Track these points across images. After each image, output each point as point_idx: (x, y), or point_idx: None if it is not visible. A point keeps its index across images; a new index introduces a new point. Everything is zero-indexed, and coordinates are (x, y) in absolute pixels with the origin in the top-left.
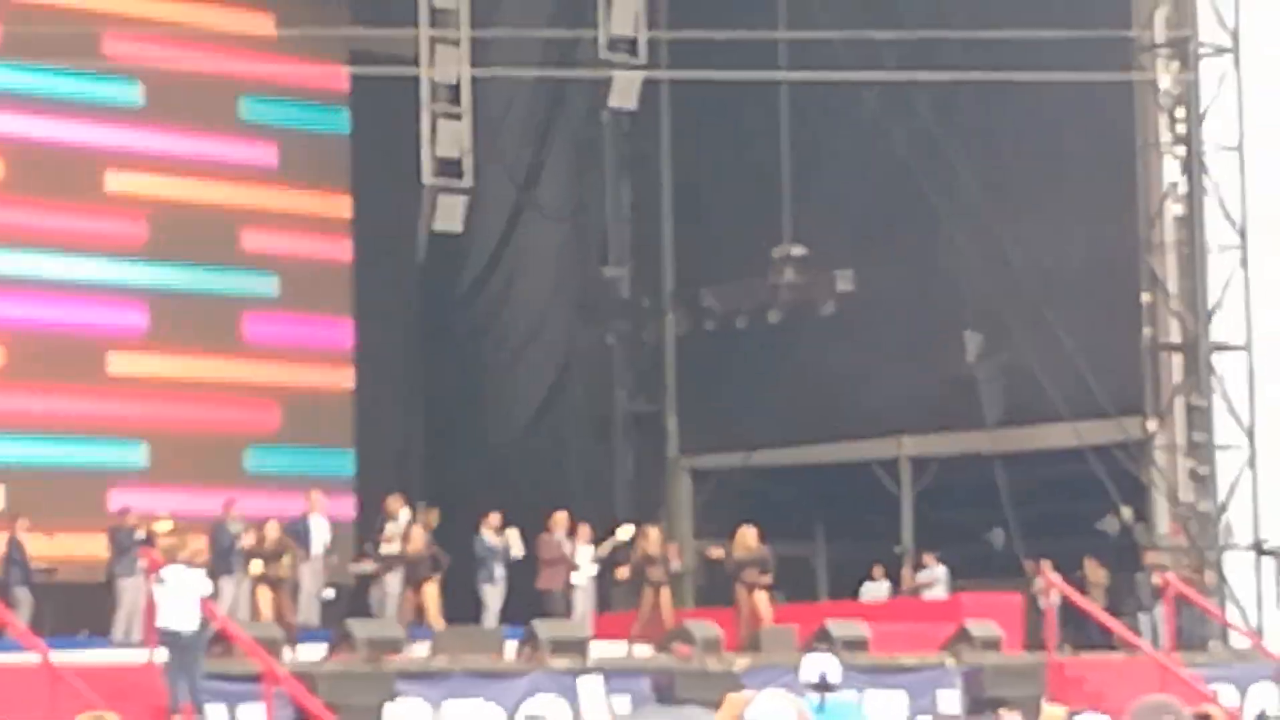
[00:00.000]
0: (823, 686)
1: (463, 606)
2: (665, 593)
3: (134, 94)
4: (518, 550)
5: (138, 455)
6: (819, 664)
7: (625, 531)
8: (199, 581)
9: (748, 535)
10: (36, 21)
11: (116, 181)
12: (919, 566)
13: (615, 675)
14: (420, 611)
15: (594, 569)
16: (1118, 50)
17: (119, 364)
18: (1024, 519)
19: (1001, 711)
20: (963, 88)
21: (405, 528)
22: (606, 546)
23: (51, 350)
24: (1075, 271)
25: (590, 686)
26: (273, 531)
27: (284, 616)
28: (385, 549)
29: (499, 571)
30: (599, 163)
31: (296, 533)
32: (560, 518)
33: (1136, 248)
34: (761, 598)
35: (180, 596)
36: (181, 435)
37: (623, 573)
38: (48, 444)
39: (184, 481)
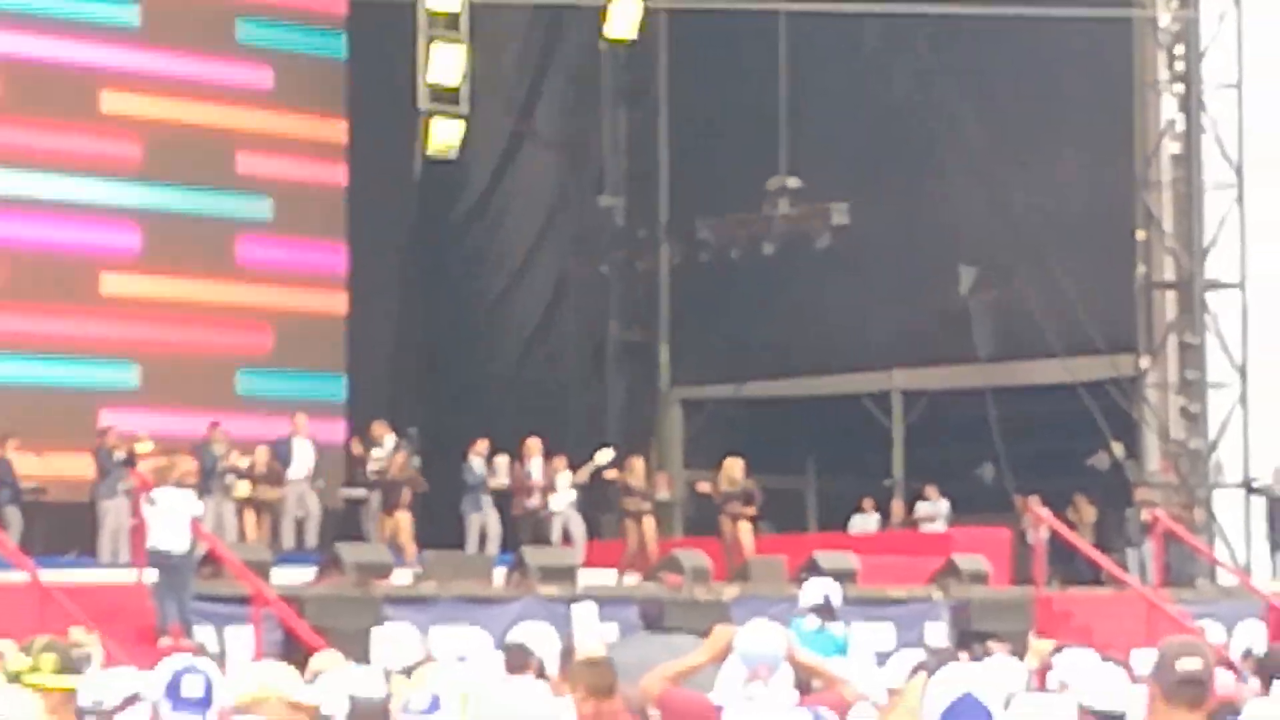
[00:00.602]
0: (826, 611)
1: (453, 532)
2: (649, 522)
3: (131, 14)
4: (502, 476)
5: (129, 375)
6: (822, 588)
7: (604, 455)
8: (190, 502)
9: (733, 467)
10: None
11: (112, 102)
12: (920, 498)
13: (604, 603)
14: (394, 536)
15: (572, 494)
16: None
17: (111, 284)
18: (1014, 454)
19: (990, 644)
20: (962, 25)
21: (389, 453)
22: (585, 471)
23: (44, 270)
24: (1070, 208)
25: (584, 614)
26: (262, 455)
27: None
28: (371, 473)
29: (486, 498)
30: (596, 93)
31: (279, 454)
32: (533, 444)
33: (1133, 185)
34: (745, 529)
35: (171, 517)
36: (173, 356)
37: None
38: (39, 363)
39: (175, 403)
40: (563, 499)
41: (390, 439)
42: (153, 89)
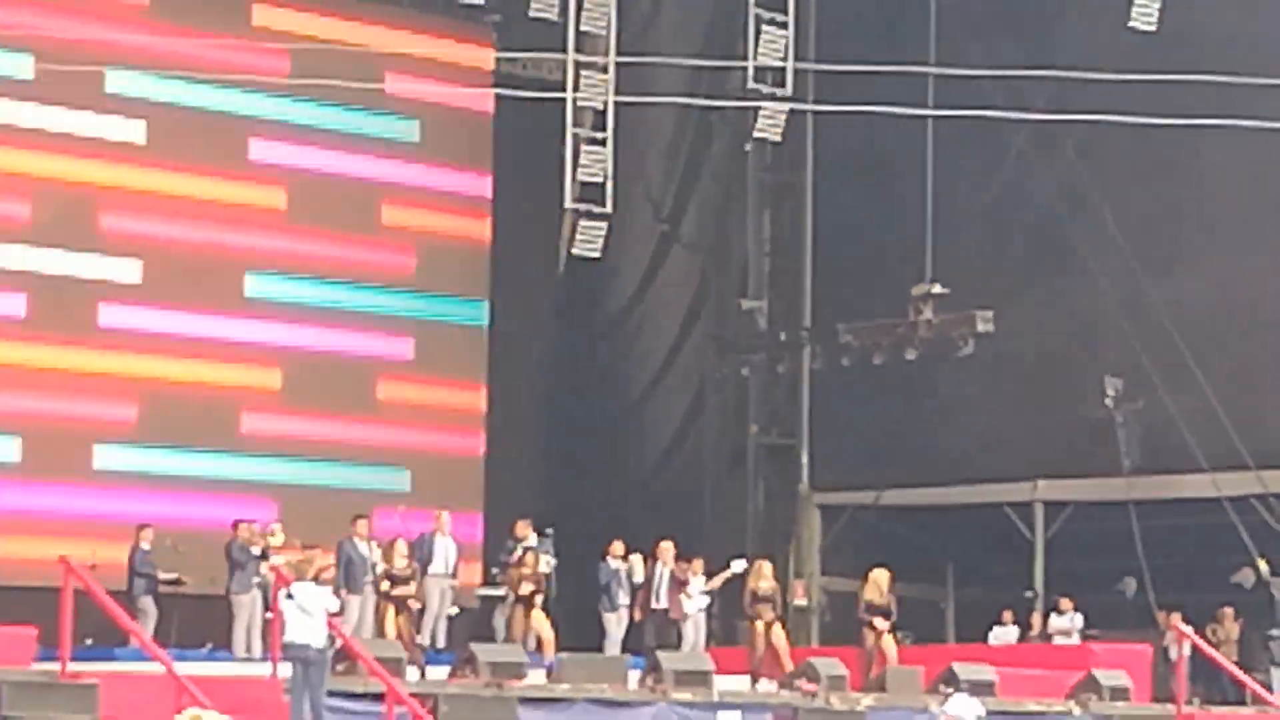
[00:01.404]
0: None
1: (587, 634)
2: (778, 629)
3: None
4: (638, 576)
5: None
6: (970, 708)
7: (738, 565)
8: (327, 598)
9: (881, 578)
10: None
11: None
12: (1055, 611)
13: (742, 708)
14: (535, 637)
15: (704, 600)
16: (1276, 92)
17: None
18: (1157, 568)
19: None
20: (1113, 131)
21: (525, 549)
22: (719, 579)
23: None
24: (1219, 318)
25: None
26: (402, 549)
27: (407, 638)
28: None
29: (622, 599)
30: (741, 194)
31: (419, 552)
32: (665, 547)
33: None
34: (889, 640)
35: (308, 613)
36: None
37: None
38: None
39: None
40: (695, 604)
41: (533, 537)
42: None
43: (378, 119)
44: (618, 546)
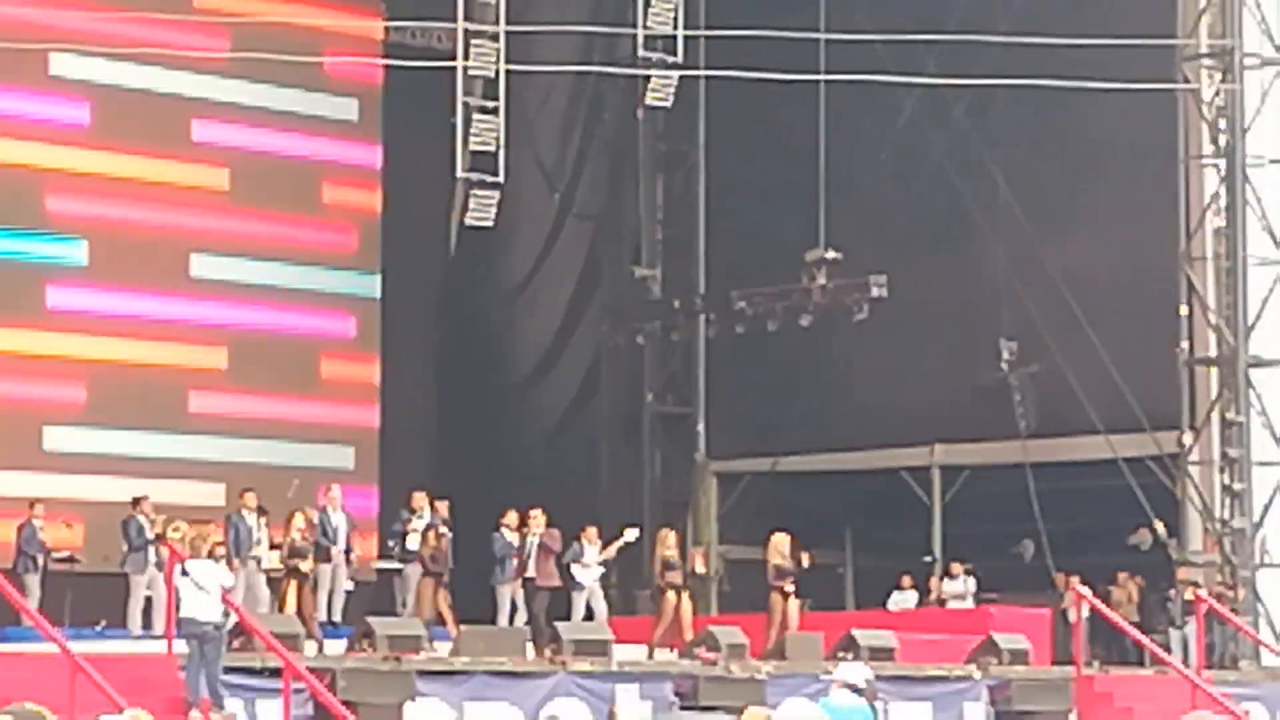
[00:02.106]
0: (866, 693)
1: (484, 606)
2: (685, 597)
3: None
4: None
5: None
6: (858, 672)
7: (631, 534)
8: (223, 574)
9: (782, 543)
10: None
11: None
12: (947, 576)
13: (638, 679)
14: (440, 613)
15: (599, 570)
16: (1161, 59)
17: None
18: (1055, 531)
19: None
20: (1002, 95)
21: (426, 525)
22: (612, 548)
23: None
24: (1112, 283)
25: (626, 697)
26: (299, 523)
27: (305, 612)
28: (410, 544)
29: (512, 570)
30: (633, 162)
31: (321, 525)
32: (534, 515)
33: (1176, 260)
34: (794, 605)
35: (204, 589)
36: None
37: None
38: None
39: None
40: (591, 574)
41: (427, 511)
42: None
43: (316, 97)
44: (511, 517)
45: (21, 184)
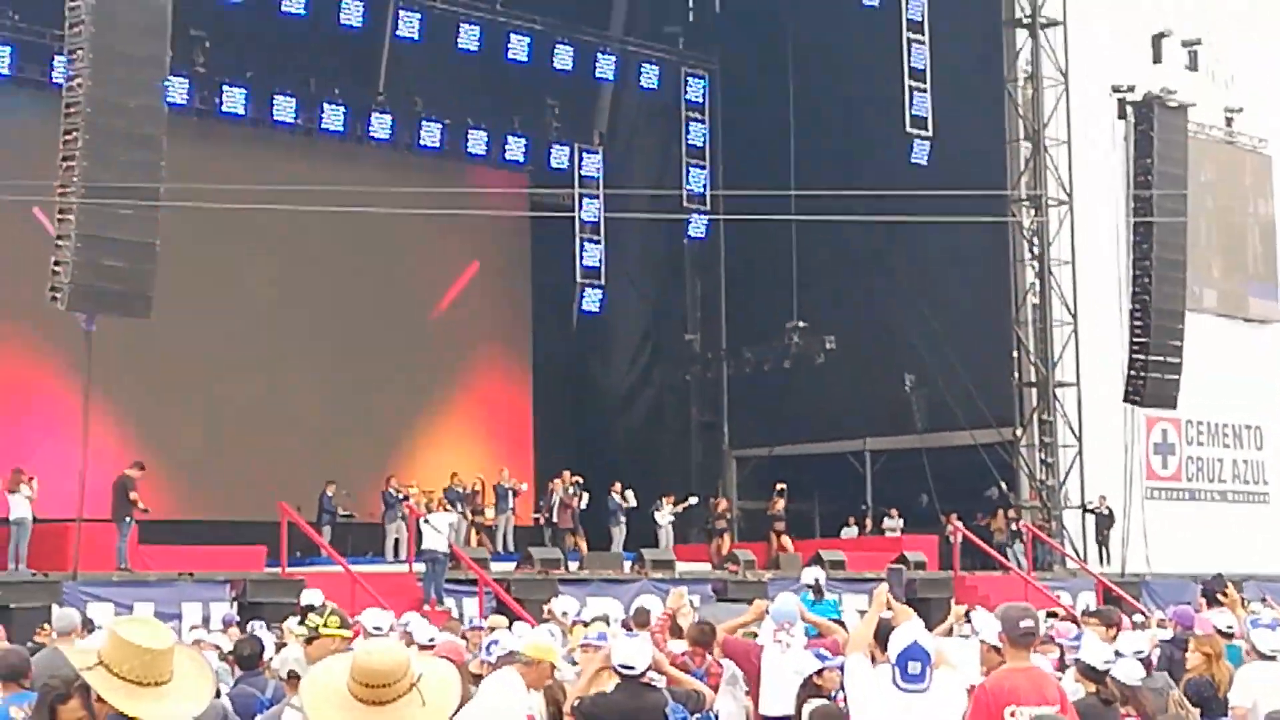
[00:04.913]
0: (816, 589)
1: (601, 539)
2: (725, 535)
3: None
4: (630, 503)
5: None
6: (814, 574)
7: (692, 499)
8: (445, 523)
9: (777, 501)
10: None
11: None
12: (887, 516)
13: (690, 583)
14: (574, 543)
15: (671, 518)
16: (997, 202)
17: None
18: (940, 490)
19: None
20: (900, 225)
21: (564, 494)
22: (680, 506)
23: None
24: (972, 335)
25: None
26: (488, 492)
27: (489, 545)
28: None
29: (621, 518)
30: (681, 269)
31: (498, 493)
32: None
33: (1010, 322)
34: (785, 538)
35: (438, 530)
36: None
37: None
38: None
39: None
40: (667, 518)
41: (560, 484)
42: None
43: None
44: (618, 486)
45: None
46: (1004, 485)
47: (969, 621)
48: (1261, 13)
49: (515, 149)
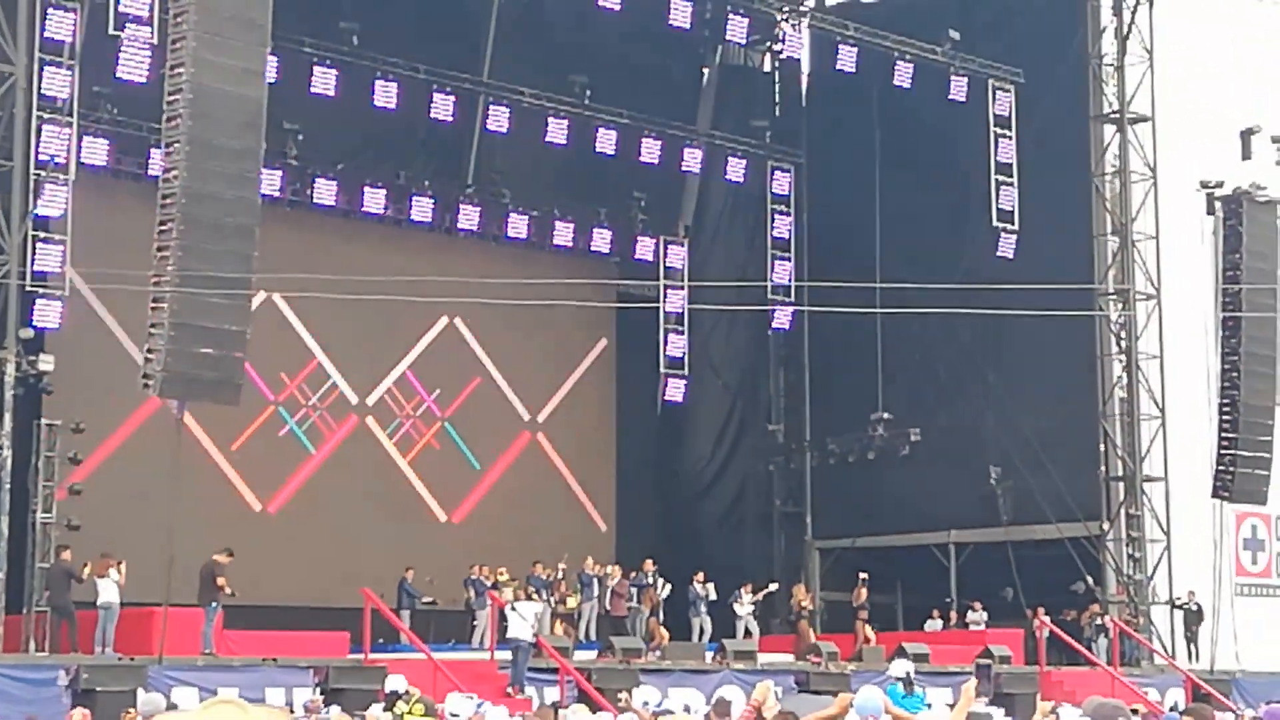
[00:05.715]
0: (907, 682)
1: (682, 630)
2: (805, 624)
3: None
4: (713, 596)
5: None
6: (904, 666)
7: (772, 587)
8: (531, 612)
9: (861, 591)
10: None
11: None
12: (971, 609)
13: (773, 674)
14: (656, 635)
15: (752, 607)
16: (1085, 295)
17: None
18: (1026, 583)
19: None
20: (988, 315)
21: (649, 583)
22: (760, 594)
23: None
24: (1059, 430)
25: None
26: (567, 585)
27: (571, 635)
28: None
29: (703, 608)
30: (765, 360)
31: (581, 581)
32: (700, 576)
33: (1097, 415)
34: (868, 628)
35: (524, 618)
36: None
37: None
38: None
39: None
40: (746, 609)
41: (649, 574)
42: None
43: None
44: (700, 576)
45: None
46: (1090, 579)
47: (1056, 717)
48: None
49: (601, 241)
